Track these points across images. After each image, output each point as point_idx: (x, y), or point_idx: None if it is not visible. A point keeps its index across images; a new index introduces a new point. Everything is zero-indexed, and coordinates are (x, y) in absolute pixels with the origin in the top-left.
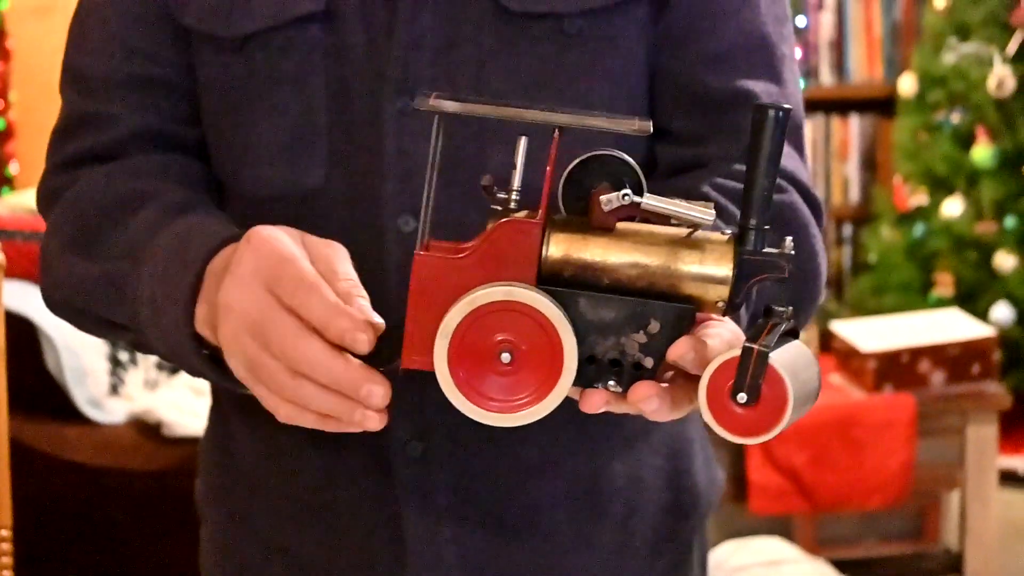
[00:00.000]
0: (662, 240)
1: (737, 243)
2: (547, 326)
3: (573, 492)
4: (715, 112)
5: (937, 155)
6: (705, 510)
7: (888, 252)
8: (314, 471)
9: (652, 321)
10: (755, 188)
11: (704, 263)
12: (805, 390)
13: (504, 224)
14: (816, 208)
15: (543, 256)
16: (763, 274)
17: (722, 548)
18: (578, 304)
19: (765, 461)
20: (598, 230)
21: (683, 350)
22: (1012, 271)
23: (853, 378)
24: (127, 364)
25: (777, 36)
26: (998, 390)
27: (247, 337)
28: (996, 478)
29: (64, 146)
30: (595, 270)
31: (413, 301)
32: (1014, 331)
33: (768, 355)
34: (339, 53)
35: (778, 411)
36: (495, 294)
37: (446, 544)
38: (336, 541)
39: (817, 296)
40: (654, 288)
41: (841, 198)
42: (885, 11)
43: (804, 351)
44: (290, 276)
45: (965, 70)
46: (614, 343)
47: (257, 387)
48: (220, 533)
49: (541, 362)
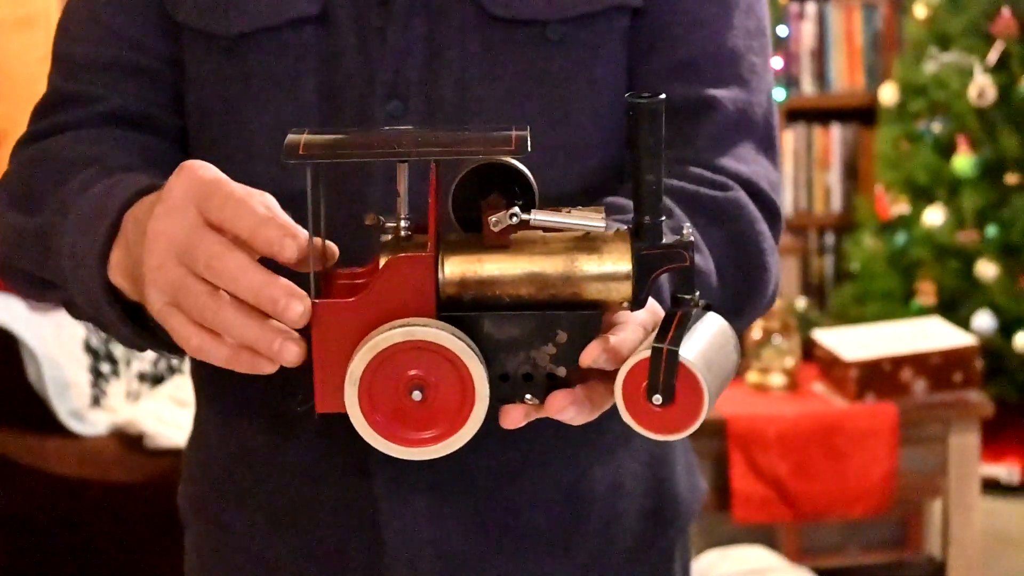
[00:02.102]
0: (559, 247)
1: (633, 239)
2: (453, 358)
3: (553, 497)
4: (678, 119)
5: (918, 164)
6: (686, 518)
7: (870, 261)
8: (289, 474)
9: (559, 332)
10: (641, 183)
11: (603, 264)
12: (723, 374)
13: (394, 261)
14: (772, 213)
15: (439, 284)
16: (664, 266)
17: (706, 557)
18: (483, 326)
19: (748, 470)
20: (493, 248)
21: (594, 355)
22: (994, 280)
23: (835, 387)
24: (109, 376)
25: (747, 47)
26: (980, 398)
27: (173, 262)
28: (978, 486)
29: (39, 121)
30: (494, 289)
31: (317, 349)
32: (996, 339)
33: (677, 353)
34: (332, 57)
35: (695, 407)
36: (394, 336)
37: (424, 545)
38: (311, 545)
39: (763, 289)
40: (558, 298)
41: (823, 207)
42: (866, 21)
43: (718, 328)
44: (219, 193)
45: (946, 79)
46: (525, 358)
47: (173, 317)
48: (200, 540)
49: (453, 393)
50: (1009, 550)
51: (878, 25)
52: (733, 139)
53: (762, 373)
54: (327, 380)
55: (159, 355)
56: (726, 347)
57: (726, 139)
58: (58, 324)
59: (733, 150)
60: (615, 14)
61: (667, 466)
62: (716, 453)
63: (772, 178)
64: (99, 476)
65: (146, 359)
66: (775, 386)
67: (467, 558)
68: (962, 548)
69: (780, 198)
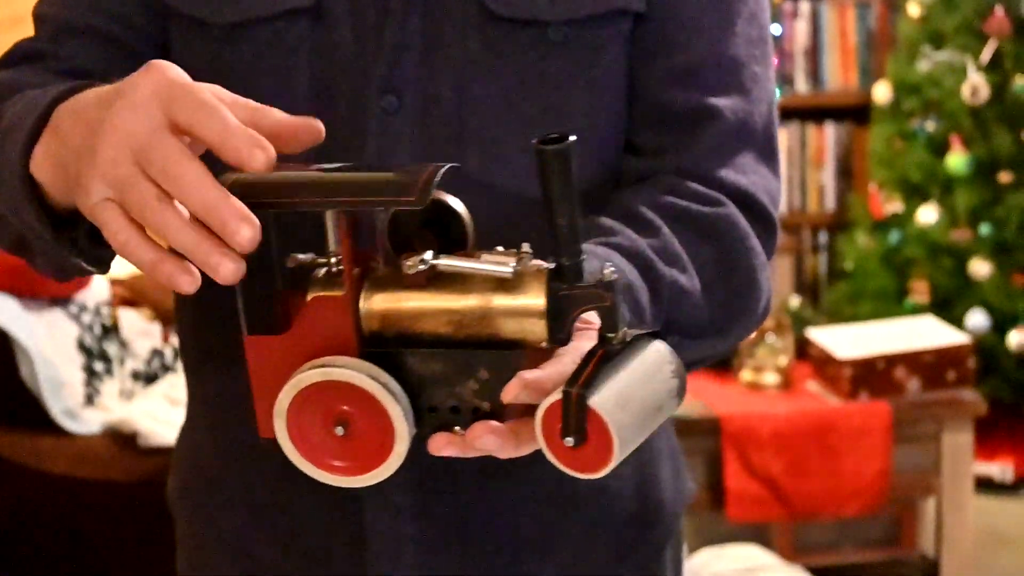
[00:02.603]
0: (477, 286)
1: (552, 279)
2: (371, 398)
3: (536, 498)
4: (677, 126)
5: (912, 163)
6: (671, 521)
7: (863, 259)
8: (272, 470)
9: (480, 369)
10: (556, 226)
11: (517, 302)
12: (645, 412)
13: (314, 302)
14: (767, 225)
15: (362, 321)
16: (582, 306)
17: (699, 556)
18: (407, 362)
19: (742, 468)
20: (414, 286)
21: (514, 391)
22: (987, 278)
23: (829, 385)
24: (102, 375)
25: (749, 56)
26: (973, 397)
27: (127, 159)
28: (972, 485)
29: None
30: (416, 326)
31: (253, 381)
32: (989, 338)
33: (586, 398)
34: (326, 50)
35: (605, 450)
36: (313, 376)
37: (407, 542)
38: (294, 541)
39: (753, 307)
40: (476, 336)
41: (816, 206)
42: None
43: (649, 361)
44: (190, 98)
45: (939, 78)
46: (449, 393)
47: (108, 211)
48: (186, 532)
49: (375, 428)
50: (1002, 549)
51: (872, 24)
52: (732, 148)
53: (756, 372)
54: (265, 409)
55: (68, 267)
56: (653, 381)
57: (725, 148)
58: (51, 323)
59: (732, 160)
60: (618, 18)
61: (652, 469)
62: (710, 451)
63: (771, 188)
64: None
65: (140, 358)
66: (769, 385)
67: (449, 557)
68: (955, 546)
69: (778, 209)
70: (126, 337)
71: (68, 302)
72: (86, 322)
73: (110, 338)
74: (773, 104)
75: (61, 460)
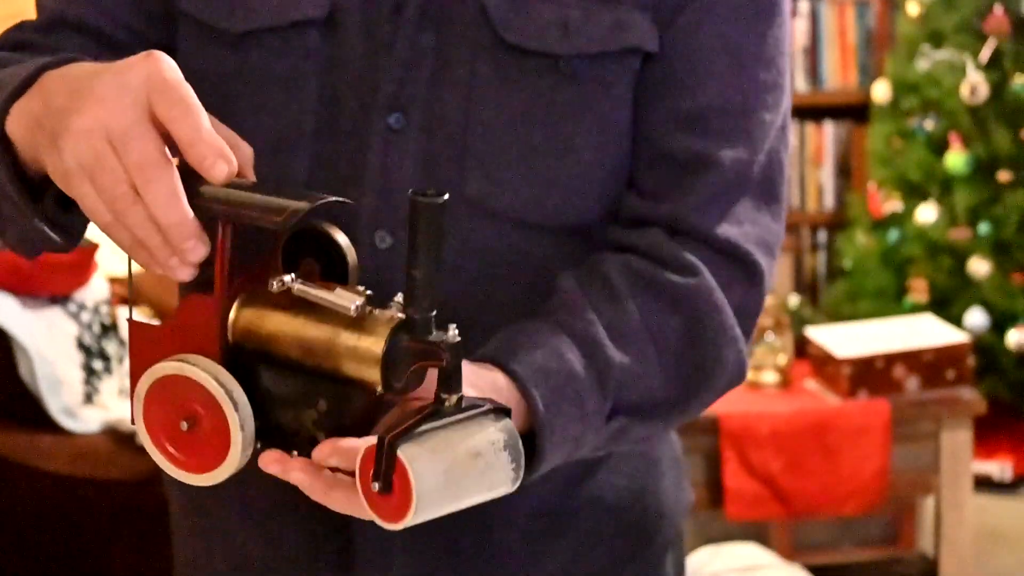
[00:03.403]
0: (332, 320)
1: (399, 329)
2: (214, 401)
3: (527, 511)
4: (675, 172)
5: (911, 161)
6: (671, 530)
7: (862, 258)
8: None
9: (320, 400)
10: (412, 277)
11: (359, 343)
12: (454, 479)
13: (188, 300)
14: (752, 276)
15: (228, 329)
16: (420, 360)
17: (698, 554)
18: (260, 376)
19: (741, 467)
20: (281, 307)
21: (325, 453)
22: (986, 277)
23: (828, 384)
24: (101, 373)
25: (758, 103)
26: (972, 396)
27: (102, 135)
28: (971, 483)
29: None
30: (272, 345)
31: (132, 363)
32: (988, 337)
33: (396, 446)
34: (335, 62)
35: (405, 502)
36: (169, 368)
37: (396, 553)
38: (283, 541)
39: (714, 383)
40: (321, 367)
41: (815, 204)
42: (859, 18)
43: (476, 433)
44: (174, 94)
45: (938, 77)
46: (293, 416)
47: (84, 186)
48: (180, 519)
49: (216, 432)
50: (1001, 547)
51: (871, 22)
52: (728, 199)
53: (755, 370)
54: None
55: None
56: (479, 452)
57: (721, 199)
58: (50, 321)
59: (726, 210)
60: (630, 56)
61: (652, 479)
62: (708, 450)
63: (766, 237)
64: (92, 473)
65: None
66: (768, 383)
67: (438, 567)
68: (954, 545)
69: (775, 253)
70: (125, 336)
71: (67, 300)
72: (85, 320)
73: (109, 336)
74: (779, 150)
75: (60, 458)
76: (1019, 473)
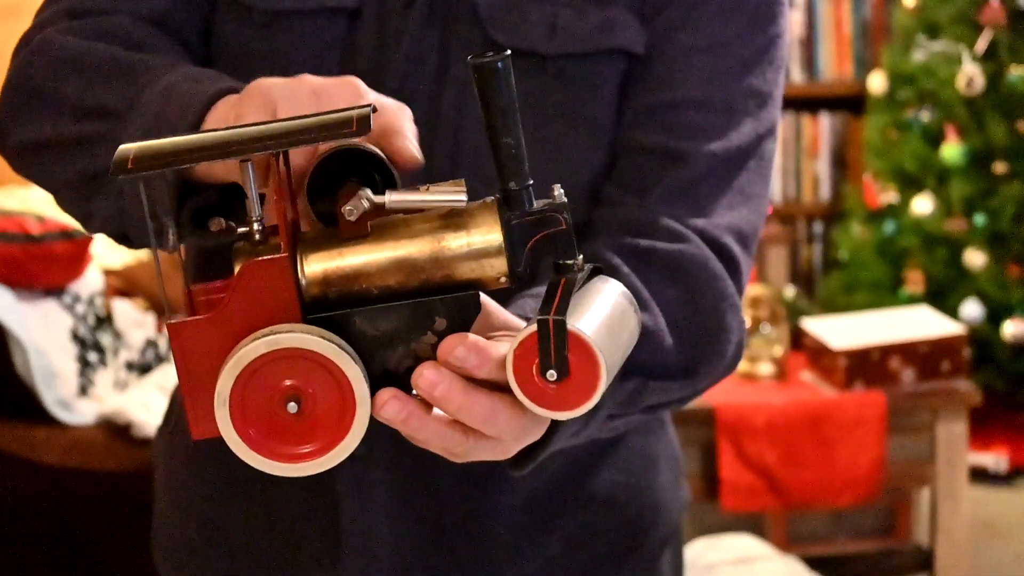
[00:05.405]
0: (424, 228)
1: (501, 209)
2: (326, 362)
3: (514, 505)
4: (650, 162)
5: (907, 153)
6: (668, 527)
7: (858, 249)
8: None
9: (436, 318)
10: (500, 147)
11: (472, 239)
12: (621, 338)
13: (248, 267)
14: (730, 266)
15: (301, 286)
16: (538, 233)
17: (693, 546)
18: (354, 324)
19: (736, 459)
20: (352, 239)
21: (451, 347)
22: (982, 268)
23: (824, 375)
24: (96, 365)
25: (741, 104)
26: (968, 387)
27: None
28: (966, 475)
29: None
30: (361, 282)
31: (182, 374)
32: (984, 328)
33: (565, 323)
34: (352, 52)
35: (593, 378)
36: (259, 348)
37: (382, 539)
38: (268, 520)
39: (722, 350)
40: (430, 282)
41: (811, 195)
42: (855, 9)
43: (611, 292)
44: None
45: (934, 68)
46: (405, 351)
47: None
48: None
49: (332, 401)
50: (996, 539)
51: (867, 14)
52: (700, 191)
53: (751, 362)
54: (198, 404)
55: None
56: (620, 309)
57: (691, 191)
58: (45, 313)
59: (699, 202)
60: (616, 57)
61: (649, 475)
62: (704, 442)
63: (741, 226)
64: (86, 465)
65: (134, 349)
66: (763, 375)
67: (424, 558)
68: (950, 537)
69: (752, 244)
70: (120, 327)
71: (62, 292)
72: (80, 312)
73: (104, 328)
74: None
75: (55, 451)
76: (1015, 465)
